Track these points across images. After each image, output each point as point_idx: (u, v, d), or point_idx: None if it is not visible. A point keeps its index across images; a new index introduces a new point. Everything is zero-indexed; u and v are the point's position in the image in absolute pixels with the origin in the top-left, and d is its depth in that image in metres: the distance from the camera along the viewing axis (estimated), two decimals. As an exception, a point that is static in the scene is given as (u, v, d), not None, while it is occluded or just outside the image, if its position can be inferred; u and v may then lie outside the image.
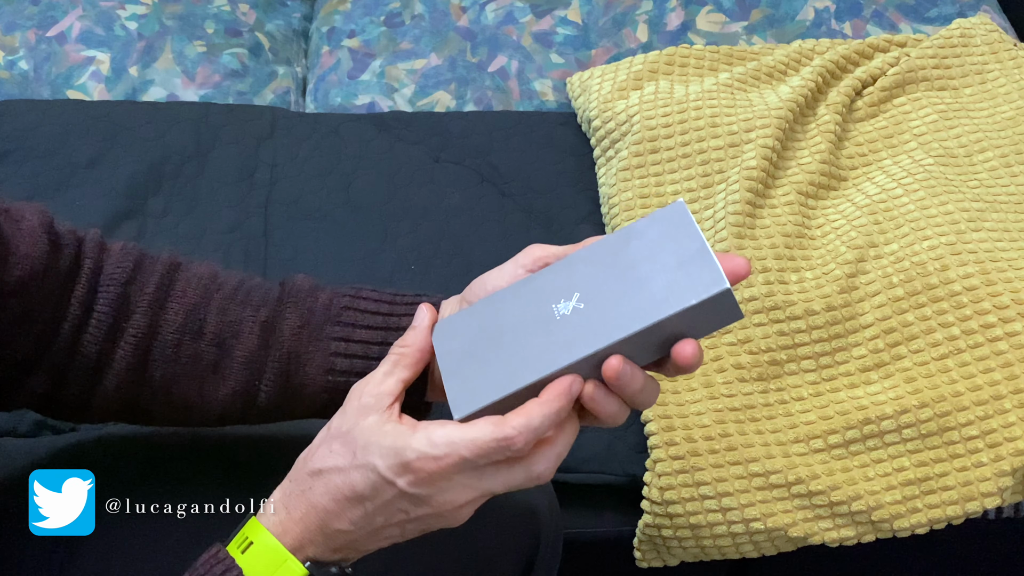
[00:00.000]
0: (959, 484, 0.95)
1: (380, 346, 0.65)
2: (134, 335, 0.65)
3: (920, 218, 1.09)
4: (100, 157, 1.23)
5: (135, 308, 0.66)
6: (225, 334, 0.66)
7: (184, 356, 0.66)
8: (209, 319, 0.66)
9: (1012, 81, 1.28)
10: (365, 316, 0.66)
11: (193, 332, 0.66)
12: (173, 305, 0.66)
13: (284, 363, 0.66)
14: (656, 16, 1.45)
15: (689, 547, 0.98)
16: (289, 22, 1.52)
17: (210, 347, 0.66)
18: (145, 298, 0.66)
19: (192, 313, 0.66)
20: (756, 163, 1.14)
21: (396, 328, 0.65)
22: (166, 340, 0.66)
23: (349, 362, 0.65)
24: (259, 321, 0.66)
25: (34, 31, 1.42)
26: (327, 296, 0.67)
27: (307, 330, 0.66)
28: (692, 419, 0.98)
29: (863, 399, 0.99)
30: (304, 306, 0.67)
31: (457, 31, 1.45)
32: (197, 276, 0.68)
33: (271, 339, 0.66)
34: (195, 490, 0.71)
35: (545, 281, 0.58)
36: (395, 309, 0.67)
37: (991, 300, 1.01)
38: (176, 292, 0.67)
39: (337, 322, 0.66)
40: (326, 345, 0.65)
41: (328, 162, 1.25)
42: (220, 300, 0.67)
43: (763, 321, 1.03)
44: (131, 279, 0.66)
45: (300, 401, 0.67)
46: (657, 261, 0.55)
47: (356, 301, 0.67)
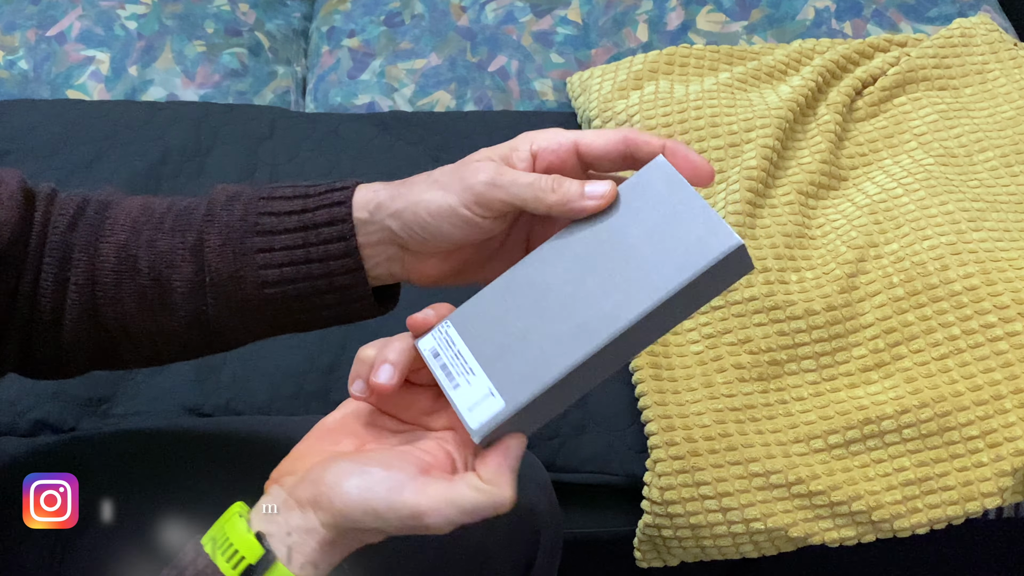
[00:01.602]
0: (959, 484, 0.95)
1: (303, 249, 0.62)
2: (75, 282, 0.64)
3: (920, 218, 1.09)
4: (100, 157, 1.23)
5: (74, 255, 0.65)
6: (159, 265, 0.64)
7: (127, 294, 0.64)
8: (141, 254, 0.64)
9: (1012, 81, 1.28)
10: (282, 219, 0.63)
11: (129, 270, 0.64)
12: (104, 245, 0.65)
13: (220, 285, 0.63)
14: (656, 16, 1.45)
15: (689, 547, 0.97)
16: (289, 22, 1.52)
17: (149, 281, 0.64)
18: (81, 243, 0.65)
19: (123, 250, 0.64)
20: (756, 163, 1.14)
21: (314, 226, 0.62)
22: (106, 282, 0.64)
23: (279, 271, 0.62)
24: (188, 246, 0.64)
25: (34, 31, 1.42)
26: (243, 204, 0.64)
27: (230, 246, 0.63)
28: (692, 419, 0.98)
29: (863, 399, 0.99)
30: (222, 221, 0.64)
31: (457, 31, 1.45)
32: (126, 211, 0.66)
33: (202, 263, 0.64)
34: (195, 489, 0.71)
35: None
36: (308, 203, 0.63)
37: (991, 300, 1.00)
38: (106, 231, 0.65)
39: (256, 231, 0.63)
40: (251, 259, 0.63)
41: (328, 162, 1.25)
42: (149, 232, 0.65)
43: (763, 321, 1.03)
44: (71, 225, 0.65)
45: (250, 318, 0.64)
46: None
47: (270, 203, 0.64)
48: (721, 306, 1.05)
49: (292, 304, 0.63)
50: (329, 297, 0.63)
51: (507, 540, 0.78)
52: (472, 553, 0.76)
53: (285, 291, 0.62)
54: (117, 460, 0.78)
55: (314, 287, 0.62)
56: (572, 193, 0.56)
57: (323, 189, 0.63)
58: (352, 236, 0.61)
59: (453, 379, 0.56)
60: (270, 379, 1.04)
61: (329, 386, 1.03)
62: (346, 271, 0.62)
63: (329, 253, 0.62)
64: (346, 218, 0.61)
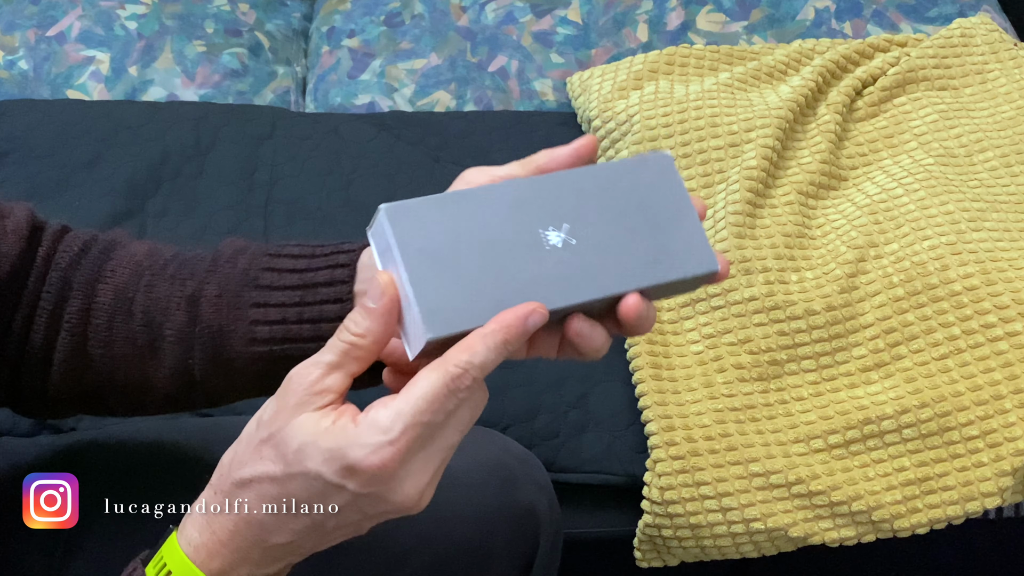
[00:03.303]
0: (959, 484, 0.95)
1: (297, 307, 0.60)
2: (69, 320, 0.64)
3: (920, 218, 1.09)
4: (100, 157, 1.23)
5: (72, 293, 0.64)
6: (153, 312, 0.63)
7: (118, 338, 0.63)
8: (137, 298, 0.63)
9: (1012, 81, 1.28)
10: (282, 276, 0.61)
11: (124, 313, 0.63)
12: (103, 286, 0.64)
13: (209, 337, 0.62)
14: (656, 16, 1.45)
15: (689, 547, 0.97)
16: (289, 22, 1.52)
17: (141, 327, 0.63)
18: (80, 281, 0.64)
19: (121, 293, 0.63)
20: (756, 163, 1.14)
21: (312, 285, 0.60)
22: (99, 323, 0.63)
23: (269, 329, 0.60)
24: (184, 296, 0.62)
25: (34, 31, 1.42)
26: (247, 259, 0.63)
27: (225, 299, 0.61)
28: (692, 419, 0.98)
29: (863, 399, 0.99)
30: (223, 272, 0.62)
31: (457, 31, 1.45)
32: (130, 254, 0.65)
33: (196, 313, 0.62)
34: (195, 489, 0.71)
35: (529, 197, 0.52)
36: (312, 263, 0.61)
37: (991, 300, 1.00)
38: (107, 272, 0.64)
39: (255, 286, 0.61)
40: (245, 313, 0.61)
41: (328, 162, 1.25)
42: (149, 277, 0.64)
43: (763, 321, 1.03)
44: (74, 263, 0.65)
45: (236, 376, 0.63)
46: (647, 215, 0.54)
47: (275, 260, 0.62)
48: (721, 306, 1.05)
49: (279, 364, 0.60)
50: None
51: (507, 540, 0.78)
52: (472, 553, 0.76)
53: (272, 350, 0.61)
54: (117, 460, 0.78)
55: (303, 349, 0.59)
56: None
57: (329, 250, 0.61)
58: (349, 299, 0.59)
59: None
60: (270, 379, 1.04)
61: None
62: None
63: (323, 315, 0.59)
64: (347, 280, 0.60)
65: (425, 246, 0.49)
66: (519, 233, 0.51)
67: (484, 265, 0.50)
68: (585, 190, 0.53)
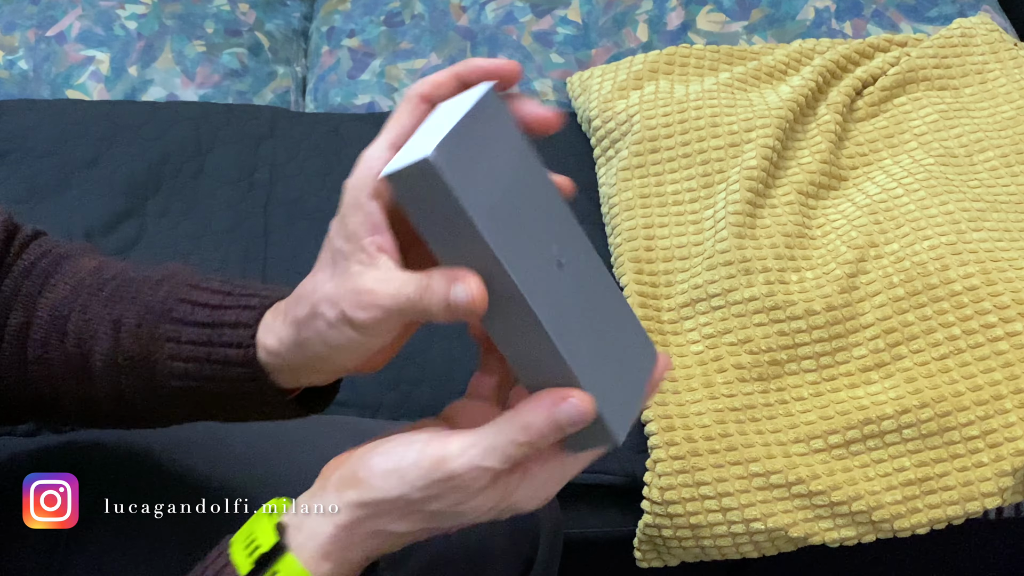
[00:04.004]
0: (959, 484, 0.95)
1: (206, 347, 0.57)
2: (10, 332, 0.62)
3: (920, 218, 1.09)
4: (99, 157, 1.23)
5: (16, 303, 0.63)
6: (84, 334, 0.60)
7: (54, 357, 0.61)
8: (72, 317, 0.61)
9: (1012, 81, 1.28)
10: (195, 310, 0.58)
11: (58, 332, 0.61)
12: (43, 300, 0.62)
13: (132, 367, 0.59)
14: (656, 16, 1.45)
15: (689, 547, 0.97)
16: (289, 22, 1.52)
17: (73, 348, 0.61)
18: (25, 293, 0.63)
19: (56, 310, 0.62)
20: (756, 163, 1.14)
21: (219, 324, 0.57)
22: (36, 339, 0.62)
23: (183, 366, 0.58)
24: (111, 320, 0.60)
25: (34, 31, 1.42)
26: (169, 287, 0.60)
27: (144, 329, 0.59)
28: (692, 419, 0.98)
29: (863, 399, 0.99)
30: (143, 299, 0.60)
31: (457, 31, 1.45)
32: (75, 271, 0.63)
33: (118, 340, 0.60)
34: (195, 489, 0.71)
35: None
36: (225, 300, 0.58)
37: (992, 300, 1.00)
38: (48, 287, 0.63)
39: (170, 318, 0.58)
40: (161, 347, 0.58)
41: (328, 162, 1.25)
42: (86, 297, 0.61)
43: (763, 321, 1.03)
44: (25, 272, 0.63)
45: (167, 404, 0.60)
46: None
47: (192, 292, 0.59)
48: (721, 306, 1.05)
49: (201, 398, 0.59)
50: (235, 399, 0.58)
51: (507, 540, 0.78)
52: (472, 553, 0.76)
53: (189, 385, 0.58)
54: (117, 460, 0.78)
55: (218, 387, 0.58)
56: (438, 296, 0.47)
57: (246, 291, 0.58)
58: (251, 344, 0.56)
59: None
60: (270, 379, 1.04)
61: (329, 386, 1.03)
62: (247, 379, 0.56)
63: (228, 358, 0.57)
64: (252, 323, 0.56)
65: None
66: None
67: None
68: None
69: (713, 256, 1.07)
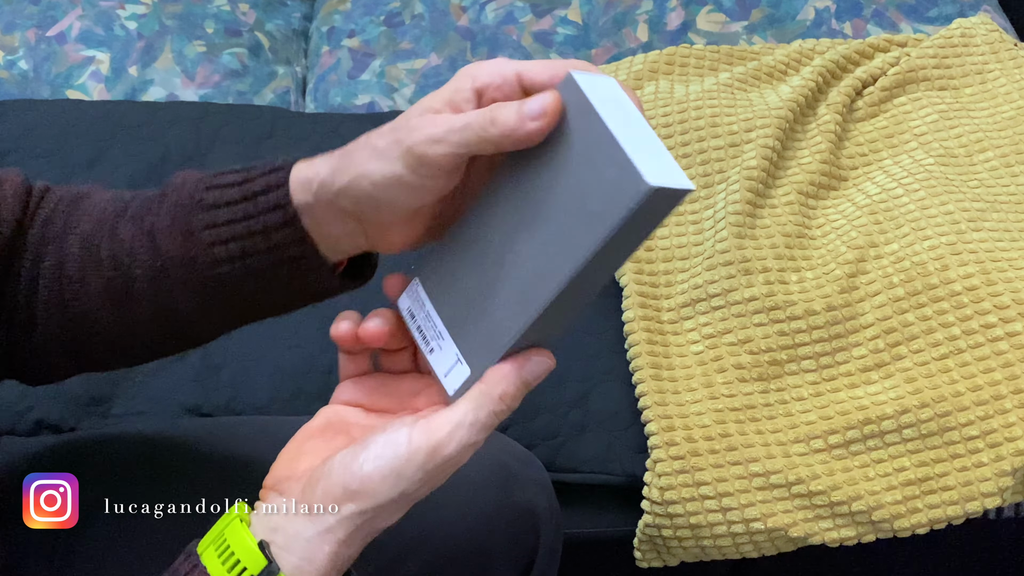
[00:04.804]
0: (959, 484, 0.95)
1: (244, 221, 0.58)
2: (44, 275, 0.63)
3: (920, 218, 1.09)
4: (100, 157, 1.23)
5: (46, 249, 0.64)
6: (120, 255, 0.61)
7: (92, 287, 0.62)
8: (104, 244, 0.62)
9: (1012, 81, 1.28)
10: (224, 192, 0.59)
11: (93, 261, 0.62)
12: (71, 238, 0.63)
13: (175, 269, 0.60)
14: (656, 16, 1.45)
15: (689, 547, 0.97)
16: (289, 22, 1.52)
17: (112, 272, 0.62)
18: (52, 236, 0.64)
19: (87, 242, 0.63)
20: (756, 163, 1.14)
21: (252, 196, 0.58)
22: (71, 274, 0.62)
23: (226, 248, 0.59)
24: (144, 232, 0.61)
25: (34, 31, 1.42)
26: (192, 183, 0.61)
27: (178, 227, 0.60)
28: (692, 419, 0.98)
29: (863, 399, 0.99)
30: (171, 201, 0.61)
31: (457, 31, 1.45)
32: (94, 203, 0.65)
33: (156, 247, 0.61)
34: (195, 489, 0.71)
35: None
36: (250, 174, 0.59)
37: (991, 300, 1.00)
38: (73, 223, 0.64)
39: (201, 207, 0.59)
40: (200, 237, 0.59)
41: (328, 162, 1.25)
42: (113, 221, 0.63)
43: (763, 321, 1.03)
44: (47, 220, 0.64)
45: (212, 302, 0.61)
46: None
47: (216, 178, 0.60)
48: (721, 306, 1.05)
49: (247, 283, 0.60)
50: (282, 271, 0.59)
51: (507, 540, 0.78)
52: (472, 553, 0.76)
53: (235, 268, 0.59)
54: (117, 460, 0.78)
55: (263, 261, 0.59)
56: (510, 120, 0.48)
57: (264, 162, 0.60)
58: (288, 203, 0.57)
59: (428, 343, 0.54)
60: (270, 379, 1.04)
61: (329, 386, 1.02)
62: (291, 242, 0.58)
63: (269, 224, 0.58)
64: (282, 183, 0.58)
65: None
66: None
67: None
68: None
69: (713, 256, 1.07)
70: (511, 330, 0.50)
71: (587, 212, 0.47)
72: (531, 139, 0.49)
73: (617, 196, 0.45)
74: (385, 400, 0.58)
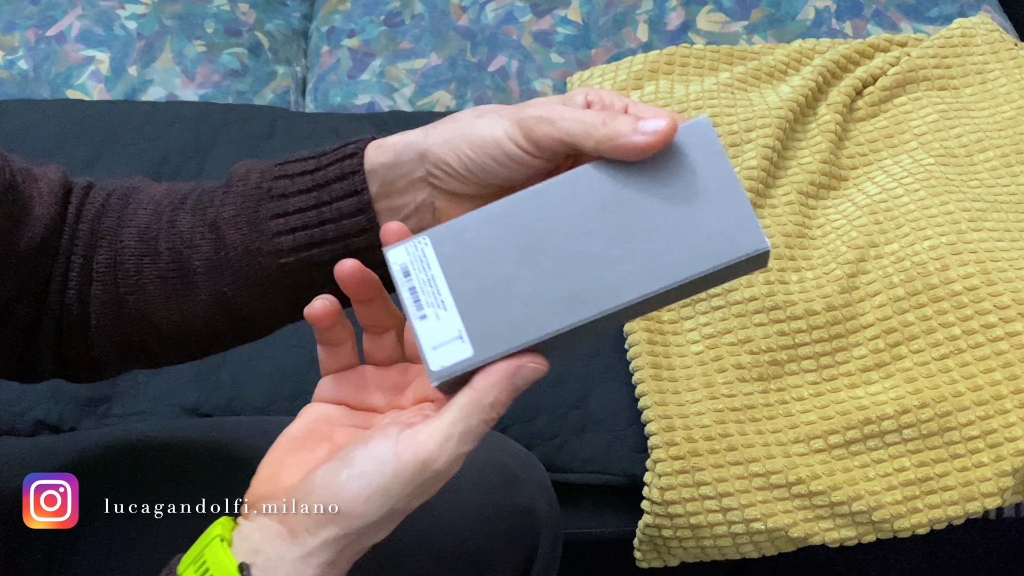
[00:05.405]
0: (960, 484, 0.95)
1: (315, 210, 0.58)
2: (98, 270, 0.63)
3: (921, 218, 1.09)
4: (100, 157, 1.23)
5: (99, 243, 0.63)
6: (179, 246, 0.61)
7: (149, 279, 0.62)
8: (161, 236, 0.62)
9: (1013, 81, 1.28)
10: (295, 180, 0.59)
11: (150, 253, 0.62)
12: (127, 230, 0.63)
13: (237, 260, 0.60)
14: (656, 16, 1.45)
15: (689, 547, 0.97)
16: (289, 22, 1.52)
17: (169, 264, 0.62)
18: (105, 230, 0.63)
19: (144, 234, 0.62)
20: (756, 163, 1.14)
21: (325, 183, 0.58)
22: (128, 268, 0.62)
23: (292, 238, 0.59)
24: (206, 223, 0.61)
25: (34, 31, 1.42)
26: (259, 173, 0.61)
27: (244, 217, 0.60)
28: (692, 419, 0.98)
29: (864, 399, 0.99)
30: (237, 192, 0.60)
31: (457, 31, 1.45)
32: (150, 196, 0.64)
33: (219, 238, 0.60)
34: (195, 489, 0.71)
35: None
36: (322, 162, 0.59)
37: (992, 300, 1.00)
38: (128, 216, 0.63)
39: (270, 196, 0.59)
40: (266, 227, 0.59)
41: (328, 162, 1.25)
42: (170, 214, 0.62)
43: (763, 321, 1.03)
44: (99, 214, 0.64)
45: (272, 294, 0.61)
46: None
47: (285, 167, 0.60)
48: (721, 306, 1.05)
49: (310, 274, 0.59)
50: None
51: (507, 540, 0.78)
52: (472, 553, 0.76)
53: (300, 259, 0.59)
54: (117, 460, 0.78)
55: (330, 252, 0.58)
56: (623, 127, 0.50)
57: (337, 145, 0.59)
58: (364, 189, 0.57)
59: (421, 308, 0.50)
60: (270, 379, 1.04)
61: (329, 386, 1.03)
62: (360, 231, 0.58)
63: (342, 211, 0.58)
64: (357, 169, 0.57)
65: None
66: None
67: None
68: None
69: (713, 256, 1.07)
70: (544, 326, 0.49)
71: (691, 244, 0.49)
72: (635, 152, 0.50)
73: (730, 242, 0.49)
74: (370, 396, 0.56)
